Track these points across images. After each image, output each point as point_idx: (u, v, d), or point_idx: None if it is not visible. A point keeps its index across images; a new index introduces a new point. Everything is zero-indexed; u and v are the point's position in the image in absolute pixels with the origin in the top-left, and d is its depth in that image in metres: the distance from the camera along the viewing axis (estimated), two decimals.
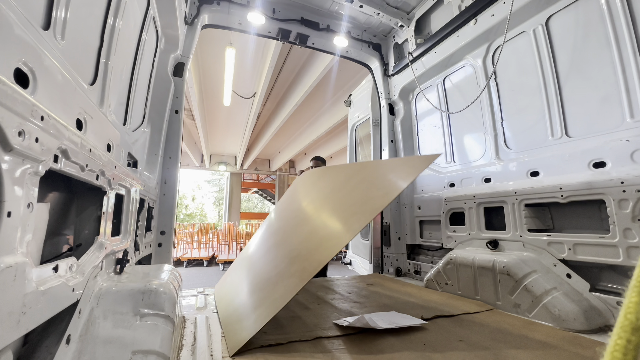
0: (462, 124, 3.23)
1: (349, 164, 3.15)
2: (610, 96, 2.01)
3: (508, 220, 2.55)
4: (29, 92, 0.86)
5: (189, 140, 14.48)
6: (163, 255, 2.68)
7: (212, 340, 1.71)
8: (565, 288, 2.00)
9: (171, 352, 1.23)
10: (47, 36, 1.00)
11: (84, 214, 1.32)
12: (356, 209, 2.00)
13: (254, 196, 31.89)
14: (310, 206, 2.58)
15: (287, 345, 1.60)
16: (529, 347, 1.59)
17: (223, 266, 9.73)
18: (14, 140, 0.68)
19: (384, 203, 1.85)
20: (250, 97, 8.77)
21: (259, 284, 2.00)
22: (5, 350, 0.71)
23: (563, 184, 2.18)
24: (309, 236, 2.09)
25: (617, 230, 1.87)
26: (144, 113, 2.38)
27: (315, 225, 2.20)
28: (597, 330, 1.81)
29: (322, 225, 2.13)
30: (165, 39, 2.63)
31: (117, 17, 1.56)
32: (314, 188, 2.91)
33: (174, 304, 1.38)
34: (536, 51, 2.46)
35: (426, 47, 3.35)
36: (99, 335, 1.11)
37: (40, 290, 0.81)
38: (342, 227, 1.91)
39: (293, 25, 3.59)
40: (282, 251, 2.17)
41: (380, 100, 4.13)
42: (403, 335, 1.74)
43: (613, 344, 0.31)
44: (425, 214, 3.57)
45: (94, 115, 1.30)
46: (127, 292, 1.26)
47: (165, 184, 2.75)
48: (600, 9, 2.05)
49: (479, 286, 2.42)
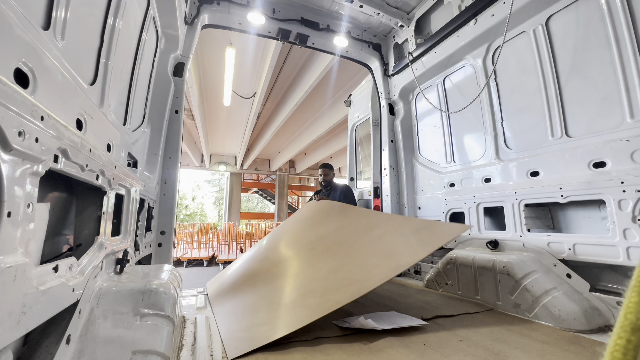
0: (462, 124, 3.23)
1: (373, 211, 3.23)
2: (610, 96, 2.01)
3: (508, 220, 2.55)
4: (29, 92, 0.86)
5: (189, 140, 14.48)
6: (163, 255, 2.68)
7: (212, 340, 1.71)
8: (565, 288, 2.00)
9: (171, 352, 1.23)
10: (47, 36, 1.00)
11: (84, 214, 1.32)
12: (379, 262, 2.08)
13: (254, 196, 31.89)
14: (330, 243, 2.63)
15: (287, 345, 1.60)
16: (529, 347, 1.59)
17: (223, 266, 9.73)
18: (14, 140, 0.68)
19: (408, 263, 1.95)
20: (250, 97, 8.77)
21: (267, 303, 2.05)
22: (5, 350, 0.71)
23: (563, 184, 2.18)
24: (328, 275, 2.15)
25: (617, 230, 1.87)
26: (144, 113, 2.38)
27: (334, 266, 2.26)
28: (597, 330, 1.81)
29: (343, 267, 2.19)
30: (165, 39, 2.63)
31: (117, 17, 1.56)
32: (333, 223, 2.97)
33: (174, 304, 1.38)
34: (536, 51, 2.46)
35: (426, 47, 3.35)
36: (99, 335, 1.11)
37: (40, 290, 0.81)
38: (364, 276, 1.97)
39: (293, 25, 3.59)
40: (295, 281, 2.24)
41: (380, 100, 4.14)
42: (403, 335, 1.74)
43: (613, 344, 0.31)
44: (425, 214, 3.57)
45: (94, 115, 1.30)
46: (127, 292, 1.26)
47: (165, 184, 2.75)
48: (600, 9, 2.05)
49: (479, 286, 2.42)
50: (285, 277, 2.37)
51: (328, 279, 2.09)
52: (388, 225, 2.63)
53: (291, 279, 2.31)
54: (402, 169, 3.85)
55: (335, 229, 2.84)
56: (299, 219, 3.47)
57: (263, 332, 1.67)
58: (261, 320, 1.82)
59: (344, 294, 1.83)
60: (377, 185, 4.12)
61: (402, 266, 1.93)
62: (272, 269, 2.59)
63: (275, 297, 2.09)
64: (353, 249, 2.43)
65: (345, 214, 3.10)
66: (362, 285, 1.85)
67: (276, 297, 2.08)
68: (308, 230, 3.08)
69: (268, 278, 2.48)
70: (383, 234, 2.50)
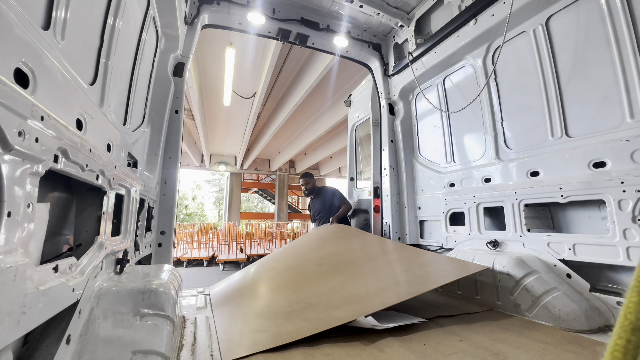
0: (462, 124, 3.23)
1: (389, 240, 3.35)
2: (610, 96, 2.01)
3: (508, 220, 2.55)
4: (29, 92, 0.86)
5: (189, 140, 14.47)
6: (163, 255, 2.68)
7: (212, 340, 1.71)
8: (565, 288, 2.00)
9: (171, 352, 1.23)
10: (47, 36, 1.00)
11: (84, 214, 1.32)
12: (385, 286, 2.12)
13: (254, 196, 31.89)
14: (339, 262, 2.68)
15: (288, 345, 1.60)
16: (529, 347, 1.59)
17: (223, 266, 9.72)
18: (14, 140, 0.68)
19: (417, 291, 1.98)
20: (250, 97, 8.76)
21: (268, 311, 2.07)
22: (5, 350, 0.71)
23: (563, 183, 2.18)
24: (332, 291, 2.18)
25: (617, 231, 1.87)
26: (144, 113, 2.38)
27: (340, 283, 2.29)
28: (597, 330, 1.81)
29: (348, 286, 2.22)
30: (165, 39, 2.63)
31: (117, 17, 1.56)
32: (344, 245, 3.05)
33: (174, 304, 1.38)
34: (536, 51, 2.46)
35: (426, 47, 3.35)
36: (99, 335, 1.11)
37: (40, 290, 0.81)
38: (368, 298, 2.00)
39: (293, 25, 3.59)
40: (299, 294, 2.25)
41: (380, 100, 4.13)
42: (403, 335, 1.74)
43: (613, 344, 0.31)
44: (425, 214, 3.57)
45: (94, 115, 1.30)
46: (127, 292, 1.26)
47: (165, 184, 2.75)
48: (600, 9, 2.05)
49: (479, 286, 2.42)
50: (289, 288, 2.38)
51: (332, 296, 2.12)
52: (401, 253, 2.71)
53: (295, 290, 2.32)
54: (402, 169, 3.85)
55: (346, 250, 2.90)
56: (312, 237, 3.55)
57: (261, 338, 1.67)
58: (261, 327, 1.83)
59: (346, 312, 1.85)
60: (377, 185, 4.12)
61: (408, 294, 1.96)
62: (277, 279, 2.63)
63: (278, 307, 2.10)
64: (361, 270, 2.47)
65: (359, 239, 3.20)
66: (364, 306, 1.88)
67: (279, 307, 2.09)
68: (318, 248, 3.13)
69: (272, 287, 2.52)
70: (394, 261, 2.56)
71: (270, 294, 2.40)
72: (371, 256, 2.72)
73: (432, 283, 2.10)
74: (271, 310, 2.07)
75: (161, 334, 1.21)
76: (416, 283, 2.12)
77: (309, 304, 2.05)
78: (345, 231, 3.47)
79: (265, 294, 2.42)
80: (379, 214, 4.00)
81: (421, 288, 2.02)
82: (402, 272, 2.34)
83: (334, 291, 2.17)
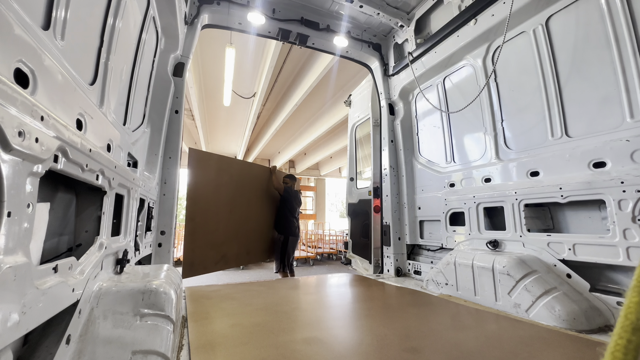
0: (462, 124, 3.23)
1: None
2: (610, 96, 2.01)
3: (508, 220, 2.55)
4: (29, 92, 0.86)
5: (189, 140, 14.47)
6: (163, 255, 2.68)
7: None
8: (565, 288, 2.00)
9: (171, 352, 1.23)
10: (47, 36, 1.00)
11: (84, 214, 1.32)
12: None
13: None
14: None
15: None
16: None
17: None
18: (14, 140, 0.68)
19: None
20: (250, 97, 8.76)
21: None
22: (5, 350, 0.71)
23: (563, 184, 2.18)
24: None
25: (617, 231, 1.87)
26: (144, 113, 2.38)
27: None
28: (597, 330, 1.81)
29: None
30: (165, 39, 2.63)
31: (117, 17, 1.55)
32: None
33: (174, 304, 1.38)
34: (536, 51, 2.46)
35: (426, 47, 3.35)
36: (99, 335, 1.11)
37: (40, 290, 0.81)
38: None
39: (293, 25, 3.59)
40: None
41: (380, 100, 4.13)
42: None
43: (614, 344, 0.31)
44: (425, 214, 3.57)
45: (94, 115, 1.30)
46: (127, 292, 1.26)
47: (165, 184, 2.75)
48: (600, 9, 2.05)
49: (478, 286, 2.42)
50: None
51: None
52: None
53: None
54: (402, 169, 3.85)
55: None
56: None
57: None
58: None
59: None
60: (377, 185, 4.12)
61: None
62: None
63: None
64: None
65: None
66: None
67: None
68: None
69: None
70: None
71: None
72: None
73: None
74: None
75: (161, 334, 1.21)
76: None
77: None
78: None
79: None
80: (379, 214, 4.00)
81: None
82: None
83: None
